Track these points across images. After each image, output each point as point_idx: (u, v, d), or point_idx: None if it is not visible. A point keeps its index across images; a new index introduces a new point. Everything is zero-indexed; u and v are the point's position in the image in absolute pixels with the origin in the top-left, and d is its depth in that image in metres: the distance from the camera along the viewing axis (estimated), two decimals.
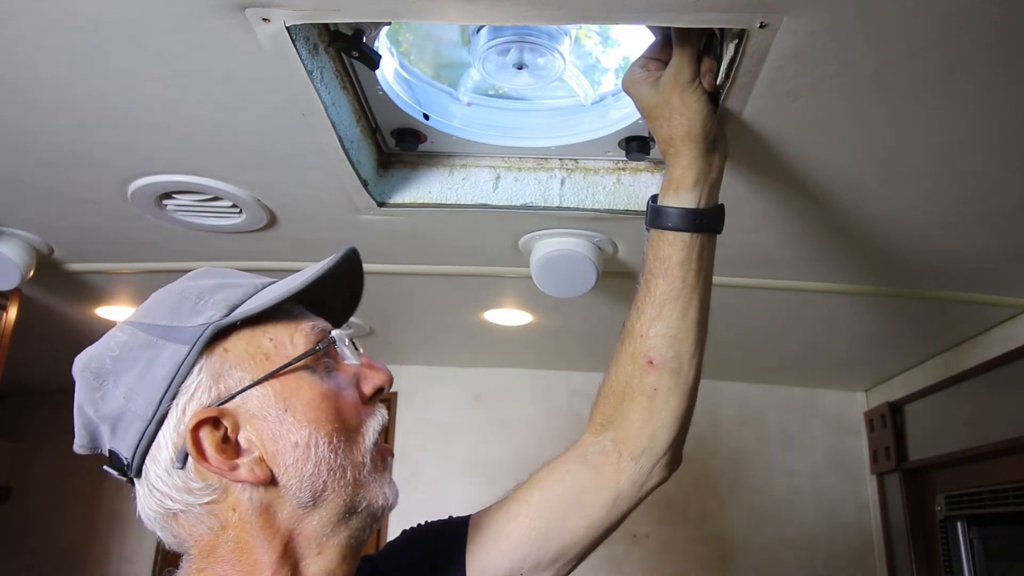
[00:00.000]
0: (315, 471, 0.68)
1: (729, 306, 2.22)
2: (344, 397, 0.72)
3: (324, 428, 0.69)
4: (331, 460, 0.68)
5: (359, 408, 0.73)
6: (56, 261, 2.02)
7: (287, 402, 0.68)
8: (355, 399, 0.73)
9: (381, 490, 0.73)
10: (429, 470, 3.06)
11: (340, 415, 0.70)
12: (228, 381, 0.68)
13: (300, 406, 0.68)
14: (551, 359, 3.06)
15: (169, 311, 0.71)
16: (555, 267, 1.78)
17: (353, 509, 0.71)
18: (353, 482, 0.70)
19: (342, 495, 0.70)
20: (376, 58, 1.22)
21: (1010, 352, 2.13)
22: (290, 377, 0.69)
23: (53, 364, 3.16)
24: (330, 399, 0.70)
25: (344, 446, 0.70)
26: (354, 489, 0.70)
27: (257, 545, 0.67)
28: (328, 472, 0.68)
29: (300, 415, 0.68)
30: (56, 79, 1.20)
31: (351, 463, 0.70)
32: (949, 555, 2.45)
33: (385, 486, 0.73)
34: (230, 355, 0.69)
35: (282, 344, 0.71)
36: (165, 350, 0.68)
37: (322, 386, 0.71)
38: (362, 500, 0.71)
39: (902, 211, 1.56)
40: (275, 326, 0.72)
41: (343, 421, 0.70)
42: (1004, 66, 1.08)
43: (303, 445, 0.67)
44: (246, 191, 1.61)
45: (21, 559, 3.38)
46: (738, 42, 1.06)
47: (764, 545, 2.99)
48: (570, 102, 1.51)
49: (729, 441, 3.13)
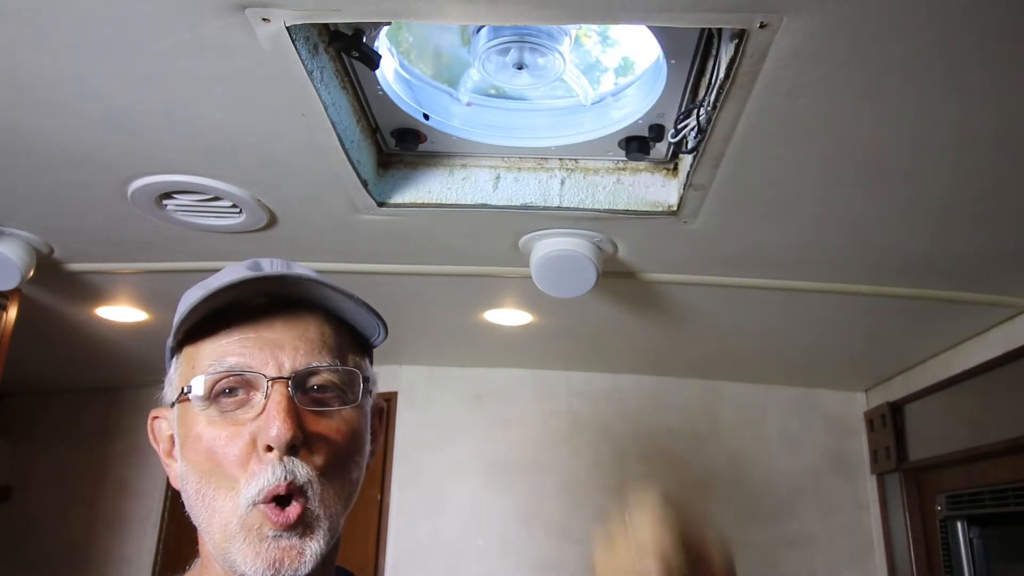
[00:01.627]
0: (189, 503, 0.68)
1: (729, 306, 2.22)
2: (223, 444, 0.66)
3: (193, 469, 0.67)
4: (197, 503, 0.67)
5: (241, 460, 0.65)
6: (56, 261, 2.02)
7: (180, 429, 0.70)
8: (238, 451, 0.65)
9: (245, 559, 0.64)
10: (429, 470, 3.06)
11: (212, 460, 0.66)
12: (171, 392, 0.73)
13: (186, 438, 0.68)
14: (551, 359, 3.06)
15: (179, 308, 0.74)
16: (555, 267, 1.78)
17: (227, 559, 0.66)
18: (221, 534, 0.65)
19: (211, 541, 0.66)
20: (376, 58, 1.22)
21: (1010, 352, 2.13)
22: (184, 406, 0.69)
23: (53, 364, 3.16)
24: (203, 442, 0.66)
25: (212, 494, 0.66)
26: (221, 541, 0.65)
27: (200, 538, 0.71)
28: (195, 512, 0.67)
29: (185, 447, 0.69)
30: (56, 79, 1.20)
31: (218, 514, 0.65)
32: (949, 555, 2.45)
33: (252, 557, 0.64)
34: (179, 367, 0.73)
35: (195, 369, 0.69)
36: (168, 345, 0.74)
37: (203, 426, 0.67)
38: (227, 555, 0.65)
39: (902, 211, 1.56)
40: (204, 349, 0.70)
41: (218, 468, 0.65)
42: (1005, 66, 1.08)
43: (181, 476, 0.69)
44: (246, 191, 1.61)
45: (21, 559, 3.38)
46: (738, 42, 1.06)
47: (764, 545, 2.99)
48: (570, 102, 1.51)
49: (729, 441, 3.13)
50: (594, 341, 2.74)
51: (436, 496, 3.03)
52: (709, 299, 2.18)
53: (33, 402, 3.60)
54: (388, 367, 3.18)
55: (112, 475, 3.39)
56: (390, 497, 3.02)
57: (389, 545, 2.97)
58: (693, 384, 3.18)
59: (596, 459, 3.09)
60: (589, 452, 3.09)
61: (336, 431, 0.69)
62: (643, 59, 1.40)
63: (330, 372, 0.70)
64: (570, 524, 3.00)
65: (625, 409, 3.15)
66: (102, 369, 3.21)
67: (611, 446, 3.10)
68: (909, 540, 2.69)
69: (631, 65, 1.43)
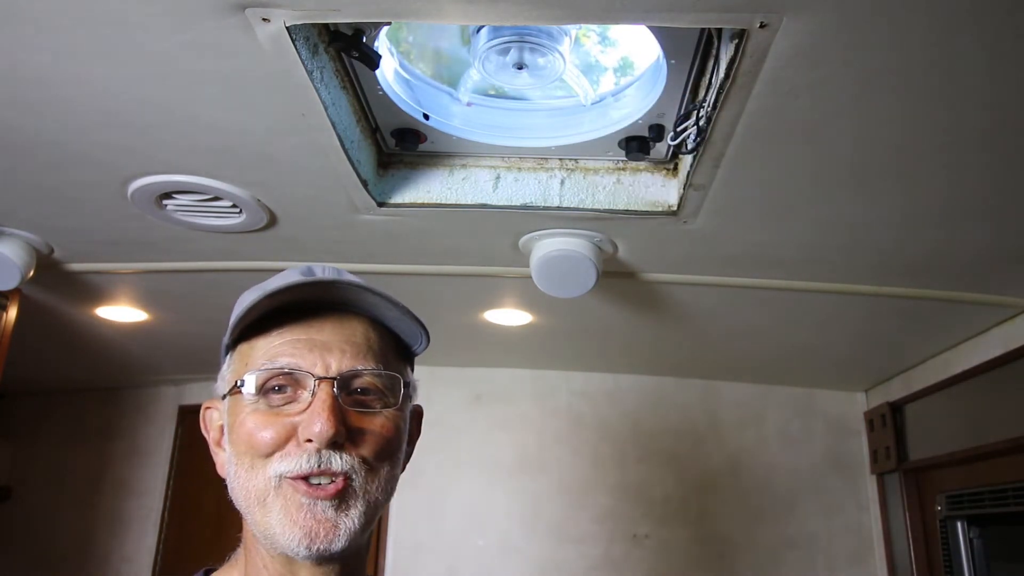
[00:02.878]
0: (232, 485, 0.74)
1: (729, 306, 2.22)
2: (258, 434, 0.72)
3: (238, 449, 0.73)
4: (238, 481, 0.73)
5: (273, 447, 0.71)
6: (56, 261, 2.02)
7: (229, 419, 0.76)
8: (275, 436, 0.71)
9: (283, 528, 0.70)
10: (429, 470, 3.06)
11: (247, 444, 0.72)
12: (224, 385, 0.78)
13: (234, 426, 0.74)
14: (551, 359, 3.06)
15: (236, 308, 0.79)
16: (555, 267, 1.78)
17: (267, 533, 0.71)
18: (259, 504, 0.71)
19: (255, 514, 0.72)
20: (376, 58, 1.23)
21: (1010, 352, 2.13)
22: (239, 397, 0.74)
23: (53, 364, 3.16)
24: (246, 428, 0.73)
25: (247, 471, 0.72)
26: (263, 511, 0.71)
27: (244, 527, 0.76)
28: (238, 489, 0.73)
29: (231, 434, 0.75)
30: (56, 79, 1.20)
31: (255, 487, 0.72)
32: (949, 555, 2.45)
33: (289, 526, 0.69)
34: (232, 363, 0.78)
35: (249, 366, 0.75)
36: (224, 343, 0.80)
37: (250, 416, 0.73)
38: (271, 527, 0.71)
39: (902, 211, 1.56)
40: (258, 347, 0.76)
41: (249, 449, 0.72)
42: (1004, 66, 1.08)
43: (227, 461, 0.75)
44: (246, 191, 1.61)
45: (21, 559, 3.38)
46: (738, 42, 1.06)
47: (764, 545, 2.99)
48: (570, 102, 1.51)
49: (729, 441, 3.13)
50: (594, 341, 2.74)
51: (436, 496, 3.03)
52: (709, 299, 2.18)
53: (33, 402, 3.60)
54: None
55: (112, 475, 3.39)
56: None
57: (389, 545, 2.97)
58: (693, 384, 3.18)
59: (596, 459, 3.09)
60: (589, 452, 3.09)
61: (380, 427, 0.75)
62: (643, 59, 1.40)
63: (373, 375, 0.75)
64: (570, 524, 3.00)
65: (625, 409, 3.15)
66: (102, 369, 3.21)
67: (611, 446, 3.10)
68: (909, 540, 2.69)
69: (631, 65, 1.43)
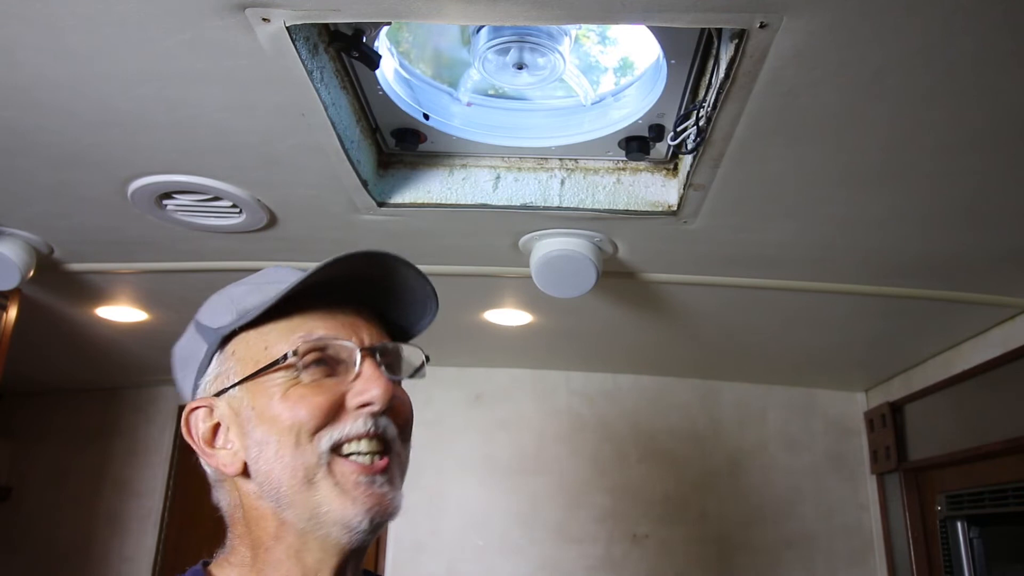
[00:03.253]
0: (268, 468, 0.71)
1: (729, 306, 2.22)
2: (306, 403, 0.72)
3: (275, 427, 0.71)
4: (281, 460, 0.71)
5: (326, 414, 0.72)
6: (56, 261, 2.02)
7: (256, 401, 0.73)
8: (321, 406, 0.72)
9: (344, 500, 0.70)
10: (429, 470, 3.06)
11: (294, 418, 0.71)
12: (224, 379, 0.75)
13: (265, 407, 0.73)
14: (551, 359, 3.07)
15: (210, 312, 0.79)
16: (555, 267, 1.78)
17: (317, 512, 0.71)
18: (308, 482, 0.70)
19: (300, 495, 0.71)
20: (376, 58, 1.23)
21: (1010, 352, 2.13)
22: (266, 379, 0.73)
23: (53, 364, 3.16)
24: (291, 401, 0.72)
25: (294, 448, 0.71)
26: (311, 489, 0.70)
27: (256, 525, 0.74)
28: (280, 470, 0.71)
29: (262, 415, 0.72)
30: (56, 79, 1.20)
31: (303, 464, 0.70)
32: (949, 555, 2.45)
33: (349, 499, 0.70)
34: (235, 356, 0.76)
35: (273, 349, 0.74)
36: (201, 347, 0.77)
37: (289, 390, 0.72)
38: (322, 504, 0.70)
39: (902, 211, 1.56)
40: (277, 331, 0.75)
41: (296, 424, 0.71)
42: (1005, 66, 1.08)
43: (260, 443, 0.72)
44: (246, 191, 1.61)
45: (21, 559, 3.38)
46: (738, 42, 1.06)
47: (764, 545, 2.99)
48: (570, 102, 1.51)
49: (729, 441, 3.13)
50: (594, 341, 2.74)
51: (436, 496, 3.03)
52: (709, 299, 2.18)
53: (33, 402, 3.60)
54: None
55: (112, 475, 3.39)
56: None
57: (389, 545, 2.97)
58: (693, 384, 3.18)
59: (596, 459, 3.09)
60: (589, 452, 3.09)
61: (407, 398, 0.79)
62: (643, 59, 1.40)
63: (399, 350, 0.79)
64: (570, 524, 3.00)
65: (625, 409, 3.15)
66: (102, 369, 3.21)
67: (611, 446, 3.10)
68: (909, 540, 2.68)
69: (631, 65, 1.43)
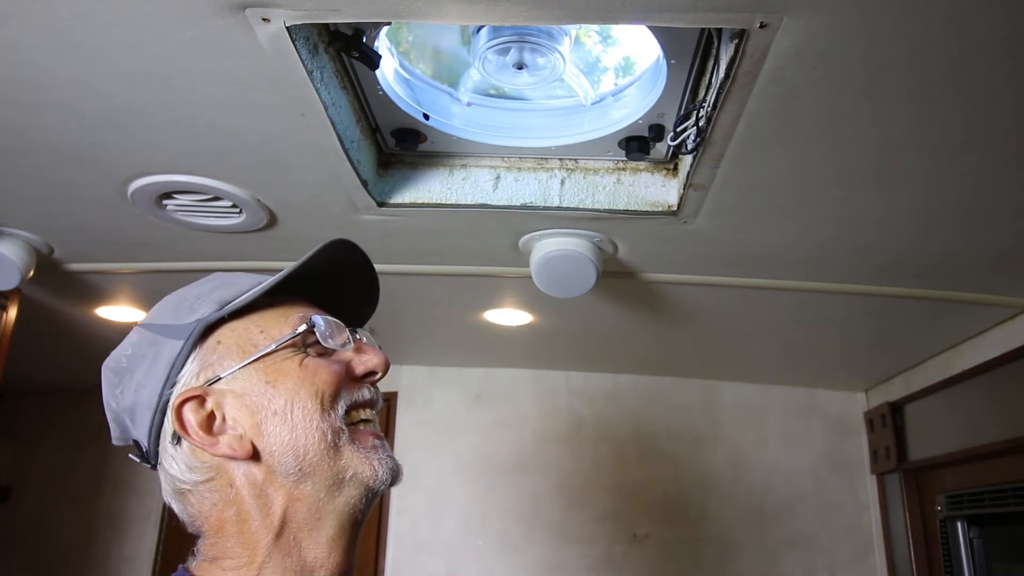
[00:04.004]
0: (292, 436, 0.72)
1: (729, 306, 2.22)
2: (324, 370, 0.75)
3: (299, 395, 0.74)
4: (307, 424, 0.73)
5: (340, 381, 0.76)
6: (56, 261, 2.02)
7: (270, 377, 0.74)
8: (338, 374, 0.76)
9: (368, 461, 0.74)
10: (429, 470, 3.06)
11: (316, 384, 0.74)
12: (216, 367, 0.75)
13: (282, 379, 0.74)
14: (551, 359, 3.07)
15: (171, 312, 0.78)
16: (555, 267, 1.78)
17: (341, 476, 0.73)
18: (334, 446, 0.73)
19: (326, 459, 0.73)
20: (376, 58, 1.23)
21: (1010, 352, 2.13)
22: (275, 358, 0.75)
23: (53, 364, 3.16)
24: (309, 370, 0.75)
25: (320, 412, 0.74)
26: (335, 453, 0.73)
27: (255, 519, 0.72)
28: (306, 436, 0.72)
29: (280, 387, 0.74)
30: (56, 79, 1.20)
31: (330, 427, 0.73)
32: (949, 555, 2.45)
33: (373, 460, 0.75)
34: (222, 346, 0.76)
35: (270, 332, 0.76)
36: (165, 346, 0.75)
37: (304, 362, 0.75)
38: (347, 467, 0.73)
39: (901, 211, 1.56)
40: (266, 318, 0.78)
41: (319, 389, 0.74)
42: (1005, 66, 1.08)
43: (281, 412, 0.73)
44: (246, 191, 1.61)
45: (21, 559, 3.38)
46: (738, 42, 1.06)
47: (764, 545, 2.99)
48: (570, 102, 1.51)
49: (729, 441, 3.13)
50: (594, 341, 2.74)
51: (436, 496, 3.03)
52: (709, 299, 2.18)
53: (33, 402, 3.60)
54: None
55: (112, 475, 3.39)
56: (390, 497, 3.02)
57: (389, 545, 2.97)
58: (693, 384, 3.18)
59: (596, 459, 3.09)
60: (589, 452, 3.09)
61: None
62: (643, 59, 1.40)
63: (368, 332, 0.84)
64: (570, 524, 3.00)
65: (625, 409, 3.15)
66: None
67: (611, 446, 3.10)
68: (909, 540, 2.69)
69: (631, 65, 1.43)
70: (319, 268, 0.81)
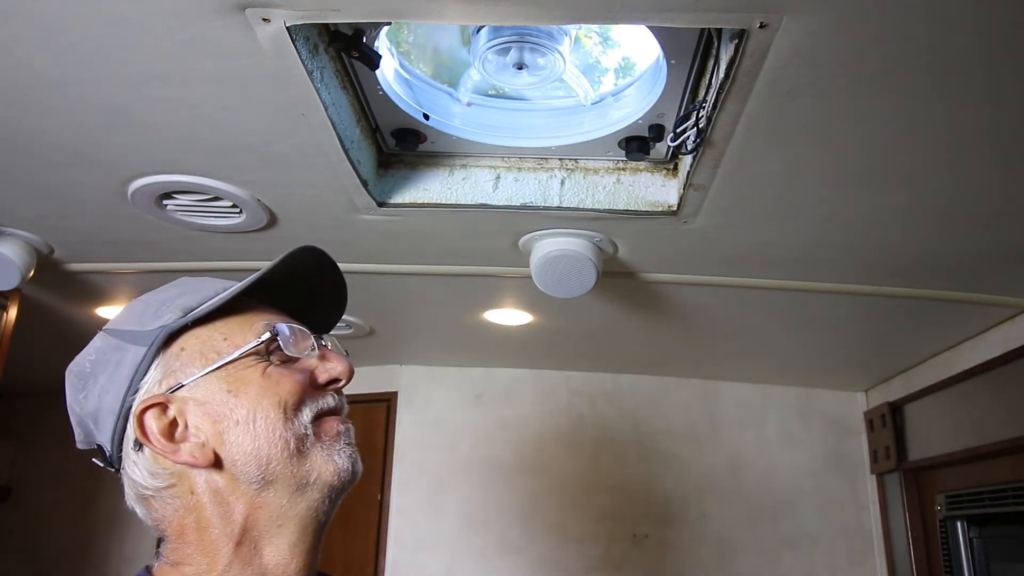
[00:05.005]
0: (255, 445, 0.73)
1: (729, 306, 2.22)
2: (287, 379, 0.76)
3: (262, 404, 0.74)
4: (270, 434, 0.73)
5: (304, 390, 0.76)
6: (56, 261, 2.02)
7: (232, 386, 0.75)
8: (300, 383, 0.76)
9: (330, 460, 0.75)
10: (429, 470, 3.06)
11: (279, 394, 0.75)
12: (179, 375, 0.75)
13: (244, 388, 0.75)
14: (551, 359, 3.07)
15: (135, 317, 0.78)
16: (555, 267, 1.78)
17: (305, 480, 0.74)
18: (297, 453, 0.73)
19: (289, 467, 0.73)
20: (376, 58, 1.23)
21: (1010, 352, 2.13)
22: (238, 366, 0.75)
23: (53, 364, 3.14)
24: (272, 379, 0.75)
25: (283, 420, 0.74)
26: (300, 459, 0.74)
27: (215, 526, 0.73)
28: (269, 446, 0.73)
29: (243, 396, 0.74)
30: (56, 79, 1.20)
31: (293, 435, 0.74)
32: (949, 555, 2.45)
33: (335, 455, 0.75)
34: (185, 353, 0.76)
35: (234, 339, 0.76)
36: (128, 352, 0.76)
37: (267, 371, 0.76)
38: (311, 471, 0.74)
39: (901, 211, 1.56)
40: (230, 325, 0.78)
41: (282, 399, 0.75)
42: (1006, 66, 1.08)
43: (243, 422, 0.73)
44: (246, 191, 1.61)
45: (20, 559, 3.38)
46: (738, 42, 1.06)
47: (764, 545, 2.99)
48: (570, 102, 1.51)
49: (729, 441, 3.13)
50: (594, 341, 2.74)
51: (436, 496, 3.03)
52: (709, 299, 2.18)
53: (33, 402, 3.60)
54: (388, 367, 3.18)
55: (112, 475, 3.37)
56: (390, 497, 3.02)
57: (389, 544, 2.97)
58: (693, 384, 3.18)
59: (596, 459, 3.09)
60: (589, 452, 3.09)
61: None
62: (643, 59, 1.40)
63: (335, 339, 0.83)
64: (570, 524, 3.00)
65: (625, 409, 3.15)
66: None
67: (611, 446, 3.11)
68: (909, 540, 2.69)
69: (631, 65, 1.43)
70: (287, 274, 0.81)
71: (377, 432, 3.13)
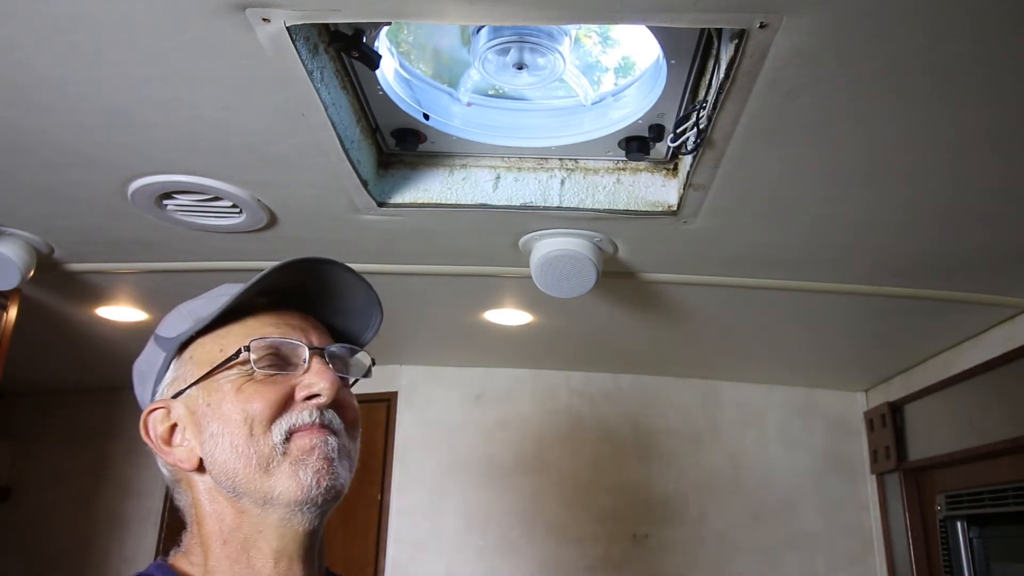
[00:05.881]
0: (224, 458, 0.76)
1: (729, 306, 2.22)
2: (259, 396, 0.76)
3: (230, 420, 0.76)
4: (234, 450, 0.75)
5: (276, 408, 0.76)
6: (56, 261, 2.02)
7: (210, 398, 0.78)
8: (272, 402, 0.76)
9: (294, 477, 0.75)
10: (429, 470, 3.06)
11: (246, 411, 0.76)
12: (181, 382, 0.80)
13: (219, 401, 0.77)
14: (551, 359, 3.07)
15: (169, 325, 0.84)
16: (555, 267, 1.78)
17: (269, 495, 0.75)
18: (261, 469, 0.75)
19: (254, 481, 0.75)
20: (376, 58, 1.23)
21: (1010, 352, 2.13)
22: (218, 379, 0.78)
23: (53, 364, 3.16)
24: (245, 394, 0.76)
25: (247, 437, 0.75)
26: (263, 476, 0.75)
27: (210, 524, 0.77)
28: (235, 460, 0.75)
29: (217, 409, 0.77)
30: (56, 79, 1.20)
31: (256, 452, 0.75)
32: (949, 555, 2.45)
33: (300, 472, 0.75)
34: (191, 360, 0.81)
35: (228, 351, 0.79)
36: (159, 356, 0.82)
37: (243, 385, 0.77)
38: (274, 487, 0.75)
39: (902, 211, 1.56)
40: (231, 335, 0.80)
41: (248, 416, 0.76)
42: (1006, 66, 1.08)
43: (216, 435, 0.76)
44: (246, 191, 1.61)
45: (20, 559, 3.38)
46: (738, 42, 1.06)
47: (764, 545, 2.99)
48: (570, 102, 1.51)
49: (729, 441, 3.13)
50: (594, 341, 2.74)
51: (436, 496, 3.03)
52: (709, 299, 2.18)
53: (33, 402, 3.60)
54: (388, 367, 3.18)
55: (112, 475, 3.39)
56: (390, 497, 3.02)
57: (389, 544, 2.97)
58: (693, 384, 3.18)
59: (596, 459, 3.09)
60: (589, 452, 3.09)
61: (353, 399, 0.83)
62: (643, 59, 1.40)
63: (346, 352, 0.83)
64: (570, 524, 3.00)
65: (625, 409, 3.15)
66: (102, 369, 3.21)
67: (611, 446, 3.11)
68: (909, 540, 2.69)
69: (631, 65, 1.43)
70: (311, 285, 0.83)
71: (377, 432, 3.13)
